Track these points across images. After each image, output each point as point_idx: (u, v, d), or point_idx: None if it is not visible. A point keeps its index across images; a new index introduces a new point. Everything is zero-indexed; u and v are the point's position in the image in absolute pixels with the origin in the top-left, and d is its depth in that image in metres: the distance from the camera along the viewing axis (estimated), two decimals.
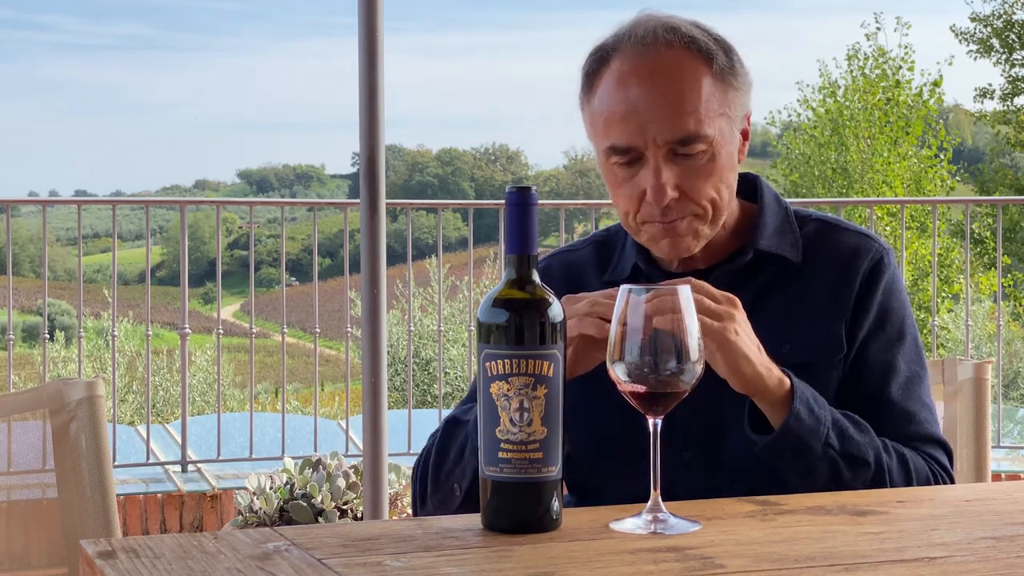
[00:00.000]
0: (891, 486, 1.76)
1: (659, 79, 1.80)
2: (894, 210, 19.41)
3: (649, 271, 1.91)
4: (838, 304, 1.87)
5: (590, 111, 1.88)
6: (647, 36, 1.82)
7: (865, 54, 23.76)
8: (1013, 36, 27.25)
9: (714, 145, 1.81)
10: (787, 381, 1.71)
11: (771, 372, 1.70)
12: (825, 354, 1.85)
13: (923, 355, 1.92)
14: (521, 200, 1.46)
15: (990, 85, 27.80)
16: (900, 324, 1.90)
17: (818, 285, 1.88)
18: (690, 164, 1.81)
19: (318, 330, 6.26)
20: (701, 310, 1.59)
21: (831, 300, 1.88)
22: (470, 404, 1.86)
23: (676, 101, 1.80)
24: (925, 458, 1.84)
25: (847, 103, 23.35)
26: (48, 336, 6.03)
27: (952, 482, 1.88)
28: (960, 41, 27.28)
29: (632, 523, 1.44)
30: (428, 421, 6.44)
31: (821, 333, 1.86)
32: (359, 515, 4.40)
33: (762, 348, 1.70)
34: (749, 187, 1.97)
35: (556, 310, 1.44)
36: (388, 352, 4.23)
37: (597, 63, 1.86)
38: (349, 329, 6.32)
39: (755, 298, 1.85)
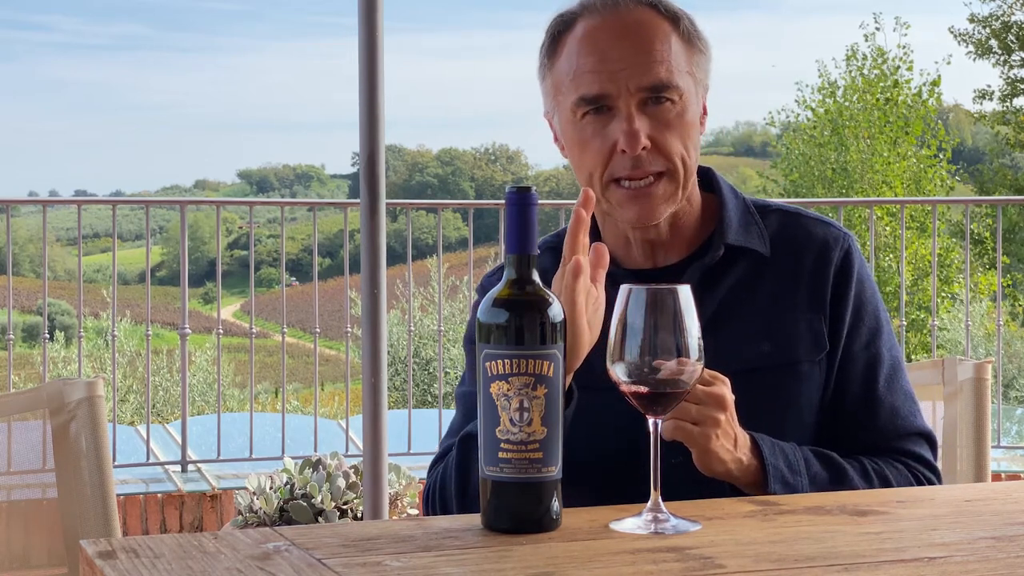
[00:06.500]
0: None
1: (629, 32, 1.82)
2: (894, 210, 19.42)
3: (613, 271, 1.74)
4: (815, 300, 1.86)
5: (554, 75, 1.87)
6: None
7: (864, 54, 23.78)
8: (1011, 37, 27.24)
9: (683, 99, 1.82)
10: (756, 463, 1.70)
11: (742, 464, 1.69)
12: (808, 353, 1.85)
13: (894, 338, 1.93)
14: (521, 200, 1.46)
15: (989, 86, 27.83)
16: (876, 312, 1.90)
17: (791, 279, 1.87)
18: (661, 115, 1.81)
19: (318, 330, 6.26)
20: (683, 415, 1.61)
21: (808, 296, 1.86)
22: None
23: (647, 50, 1.81)
24: (907, 465, 1.85)
25: (846, 103, 23.36)
26: (48, 336, 6.03)
27: (937, 474, 1.88)
28: (959, 42, 27.29)
29: (632, 523, 1.44)
30: (428, 421, 6.43)
31: (802, 331, 1.85)
32: (359, 515, 4.40)
33: (740, 441, 1.69)
34: (705, 179, 1.95)
35: (556, 310, 1.44)
36: (388, 352, 4.22)
37: (562, 26, 1.86)
38: (349, 329, 6.32)
39: (730, 294, 1.85)
